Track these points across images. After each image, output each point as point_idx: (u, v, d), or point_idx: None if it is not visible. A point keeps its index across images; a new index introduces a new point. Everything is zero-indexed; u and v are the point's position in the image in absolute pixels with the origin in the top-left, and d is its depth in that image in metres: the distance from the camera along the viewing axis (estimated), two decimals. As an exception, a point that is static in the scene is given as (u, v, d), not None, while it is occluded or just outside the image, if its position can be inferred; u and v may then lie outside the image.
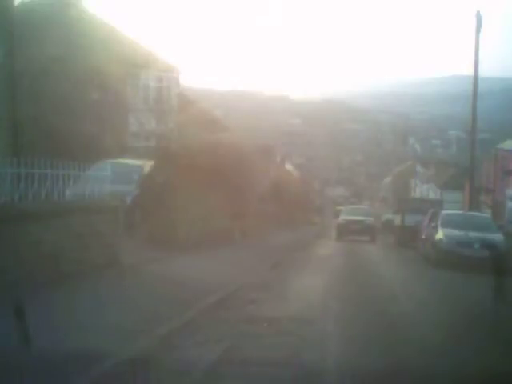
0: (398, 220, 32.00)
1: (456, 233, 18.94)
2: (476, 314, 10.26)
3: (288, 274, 14.38)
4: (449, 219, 20.19)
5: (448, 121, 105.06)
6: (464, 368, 6.39)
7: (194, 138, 20.81)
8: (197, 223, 16.36)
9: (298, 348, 7.02)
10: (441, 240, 18.84)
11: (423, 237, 21.72)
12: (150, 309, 8.17)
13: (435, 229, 19.73)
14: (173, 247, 14.43)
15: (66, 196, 10.77)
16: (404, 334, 8.29)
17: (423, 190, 69.19)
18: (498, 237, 19.10)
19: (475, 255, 17.86)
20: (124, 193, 15.03)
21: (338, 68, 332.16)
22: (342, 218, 34.31)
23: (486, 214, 33.06)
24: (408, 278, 16.14)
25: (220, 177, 17.03)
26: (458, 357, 6.96)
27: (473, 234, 18.77)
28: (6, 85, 12.42)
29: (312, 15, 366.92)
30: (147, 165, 17.93)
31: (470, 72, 29.43)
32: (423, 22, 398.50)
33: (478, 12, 29.10)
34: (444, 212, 22.02)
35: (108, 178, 12.27)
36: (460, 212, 25.51)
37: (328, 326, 8.50)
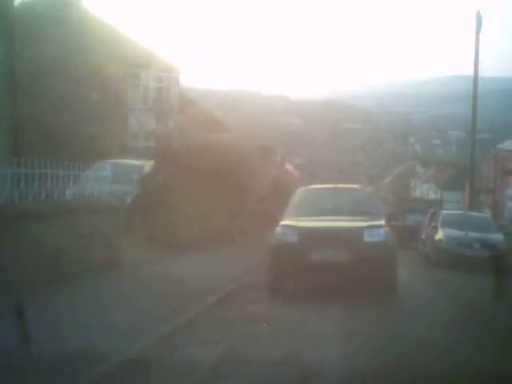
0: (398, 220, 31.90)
1: (456, 233, 18.94)
2: (476, 313, 10.26)
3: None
4: (449, 219, 20.19)
5: (448, 121, 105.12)
6: (463, 367, 6.39)
7: (194, 138, 20.79)
8: (197, 223, 16.35)
9: (297, 348, 7.01)
10: (441, 240, 18.84)
11: (423, 237, 21.71)
12: (150, 309, 8.16)
13: (435, 229, 19.72)
14: (173, 247, 14.44)
15: (66, 196, 10.78)
16: (403, 332, 8.28)
17: (423, 190, 69.27)
18: (497, 237, 19.10)
19: (475, 255, 17.86)
20: (124, 193, 15.04)
21: (338, 68, 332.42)
22: (289, 222, 11.19)
23: (485, 214, 33.07)
24: (408, 278, 16.13)
25: (220, 177, 17.02)
26: (458, 356, 6.96)
27: (473, 234, 18.76)
28: (6, 85, 12.44)
29: (312, 15, 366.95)
30: (147, 165, 17.93)
31: (470, 72, 29.48)
32: (423, 22, 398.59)
33: (478, 12, 29.17)
34: (444, 212, 22.02)
35: (108, 178, 12.28)
36: (460, 212, 25.50)
37: (327, 324, 8.48)
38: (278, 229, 11.08)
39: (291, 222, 11.23)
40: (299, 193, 13.22)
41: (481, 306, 11.06)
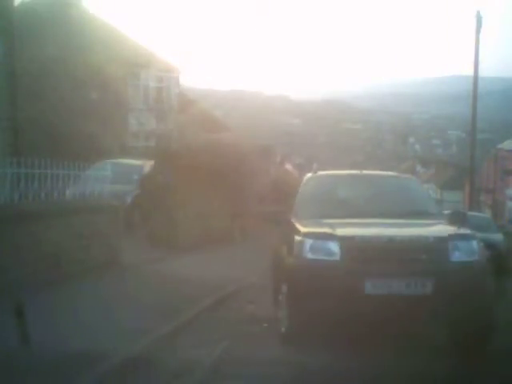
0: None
1: (456, 233, 18.92)
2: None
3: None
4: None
5: (448, 121, 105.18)
6: (462, 367, 6.39)
7: (194, 138, 20.80)
8: (197, 223, 16.34)
9: (297, 347, 7.00)
10: (441, 240, 18.81)
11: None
12: (150, 308, 8.17)
13: (435, 229, 19.69)
14: (173, 247, 14.43)
15: (66, 196, 10.78)
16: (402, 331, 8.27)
17: (423, 190, 69.20)
18: (498, 237, 19.06)
19: (475, 255, 17.85)
20: (124, 193, 15.06)
21: (338, 68, 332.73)
22: (320, 229, 6.72)
23: (485, 213, 33.08)
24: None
25: (220, 177, 17.02)
26: (457, 355, 6.97)
27: (473, 234, 18.74)
28: (6, 85, 12.45)
29: (312, 15, 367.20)
30: (147, 165, 17.93)
31: (470, 72, 29.47)
32: (423, 22, 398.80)
33: (478, 12, 29.13)
34: (444, 212, 22.00)
35: (108, 178, 12.28)
36: (460, 212, 25.44)
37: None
38: (302, 239, 6.61)
39: (322, 228, 6.78)
40: (313, 183, 8.45)
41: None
